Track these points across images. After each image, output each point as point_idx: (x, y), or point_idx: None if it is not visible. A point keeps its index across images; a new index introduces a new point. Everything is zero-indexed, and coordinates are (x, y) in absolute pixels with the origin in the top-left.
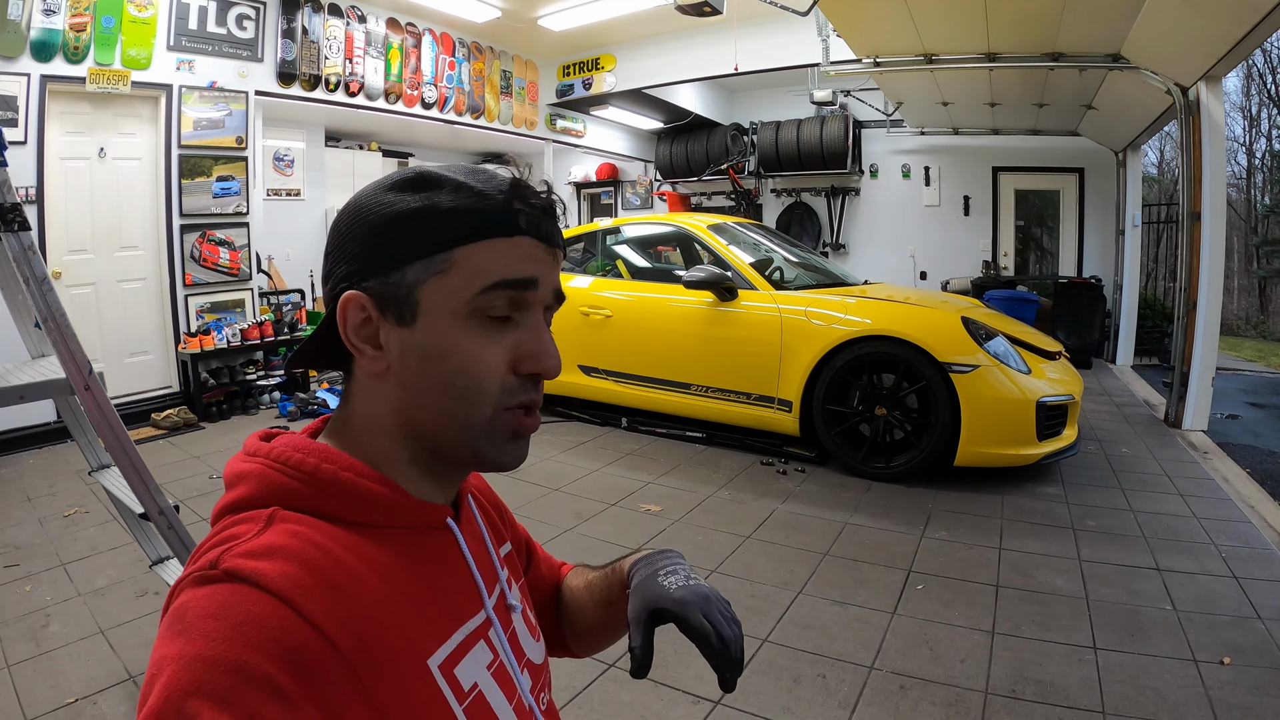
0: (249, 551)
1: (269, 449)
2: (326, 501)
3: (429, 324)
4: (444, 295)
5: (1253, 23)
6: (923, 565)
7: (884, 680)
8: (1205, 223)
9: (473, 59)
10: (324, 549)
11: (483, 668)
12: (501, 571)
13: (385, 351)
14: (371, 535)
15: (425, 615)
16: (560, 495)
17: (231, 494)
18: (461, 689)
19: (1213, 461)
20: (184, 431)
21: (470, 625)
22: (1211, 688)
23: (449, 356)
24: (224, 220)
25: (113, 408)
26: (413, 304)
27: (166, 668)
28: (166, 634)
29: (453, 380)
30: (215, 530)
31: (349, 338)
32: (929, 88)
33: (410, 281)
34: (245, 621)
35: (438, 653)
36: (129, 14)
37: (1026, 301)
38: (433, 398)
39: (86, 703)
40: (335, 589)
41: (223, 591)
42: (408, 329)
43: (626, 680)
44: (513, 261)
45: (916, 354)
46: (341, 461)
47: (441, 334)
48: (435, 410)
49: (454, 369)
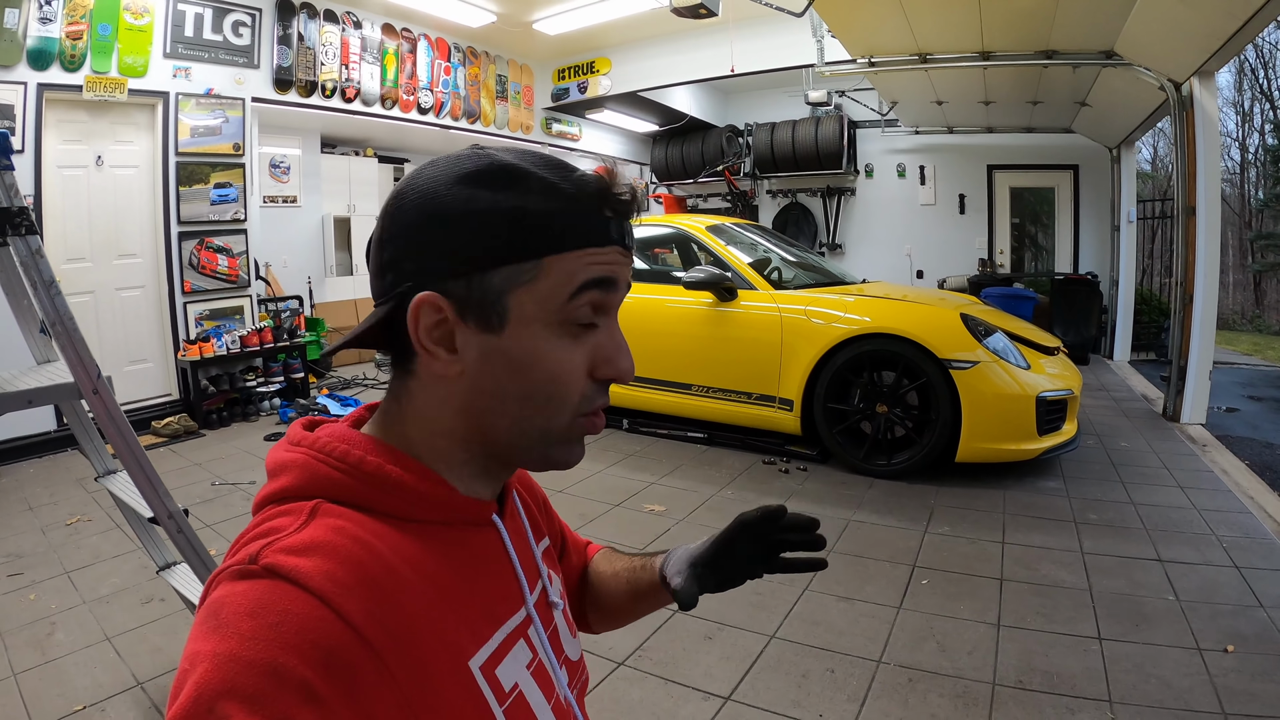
0: (290, 547)
1: (313, 439)
2: (370, 495)
3: (517, 332)
4: (534, 304)
5: (1244, 17)
6: (927, 560)
7: (892, 674)
8: (1200, 217)
9: (468, 63)
10: (367, 546)
11: (523, 667)
12: (543, 567)
13: (460, 355)
14: (415, 531)
15: (467, 615)
16: (564, 497)
17: (274, 483)
18: (503, 690)
19: (1211, 454)
20: (184, 439)
21: (511, 624)
22: (1216, 675)
23: (537, 365)
24: (222, 227)
25: (121, 411)
26: (500, 311)
27: (200, 665)
28: (201, 628)
29: (537, 389)
30: (256, 520)
31: (421, 340)
32: (923, 87)
33: (497, 288)
34: (282, 622)
35: (479, 654)
36: (125, 22)
37: (1024, 299)
38: (514, 405)
39: (94, 710)
40: (376, 588)
41: (260, 588)
42: (494, 336)
43: (637, 678)
44: (604, 271)
45: (916, 351)
46: (387, 455)
47: (530, 343)
48: (514, 417)
49: (541, 378)
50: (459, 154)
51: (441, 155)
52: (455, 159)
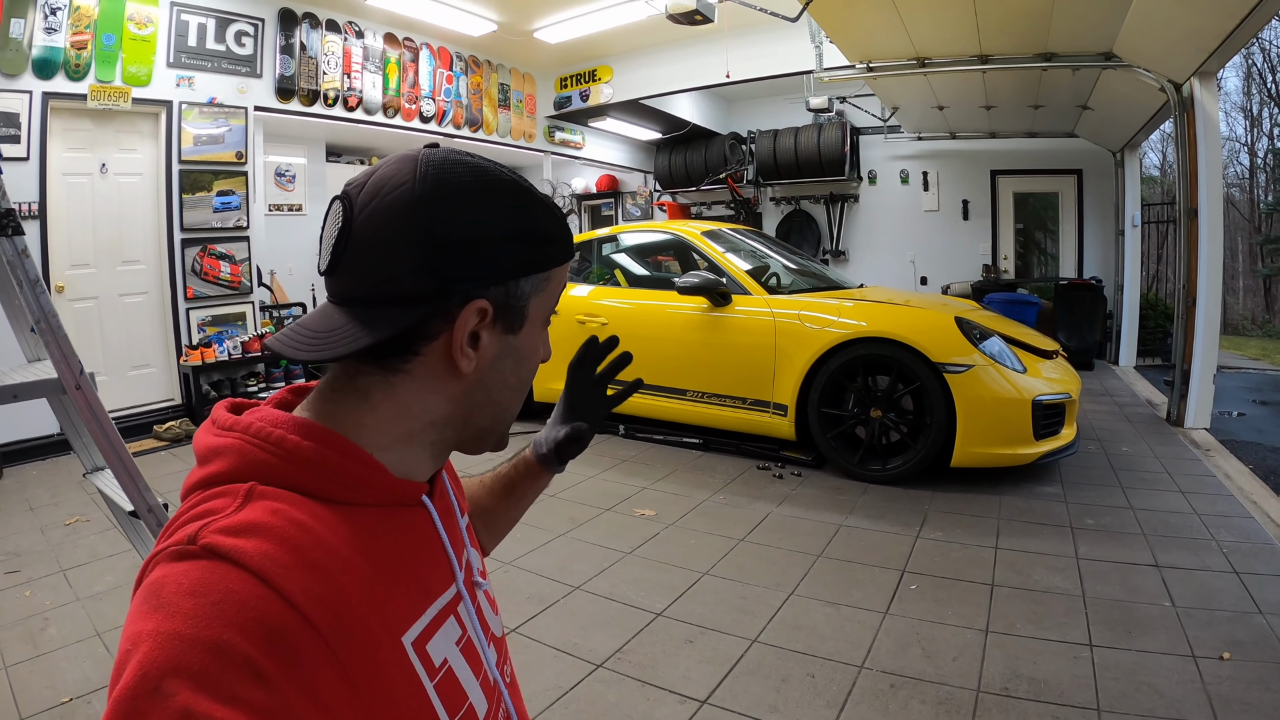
0: (228, 528)
1: (245, 424)
2: (303, 477)
3: (529, 331)
4: (541, 307)
5: (1241, 15)
6: (917, 565)
7: (874, 679)
8: (1202, 218)
9: (470, 72)
10: (303, 526)
11: (452, 644)
12: (467, 541)
13: (480, 354)
14: (348, 512)
15: (401, 592)
16: (555, 501)
17: (205, 469)
18: (433, 665)
19: (1214, 459)
20: (186, 443)
21: (441, 601)
22: (1210, 683)
23: (533, 357)
24: (224, 234)
25: (103, 407)
26: (522, 313)
27: (142, 644)
28: (142, 608)
29: (527, 378)
30: (189, 504)
31: (462, 342)
32: (923, 91)
33: (525, 293)
34: (224, 600)
35: (411, 629)
36: (129, 32)
37: (1027, 304)
38: (508, 394)
39: (81, 702)
40: (315, 568)
41: (200, 568)
42: (513, 336)
43: (614, 680)
44: (565, 274)
45: (910, 355)
46: (323, 439)
47: (533, 339)
48: (503, 404)
49: (533, 367)
50: (458, 159)
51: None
52: (463, 165)
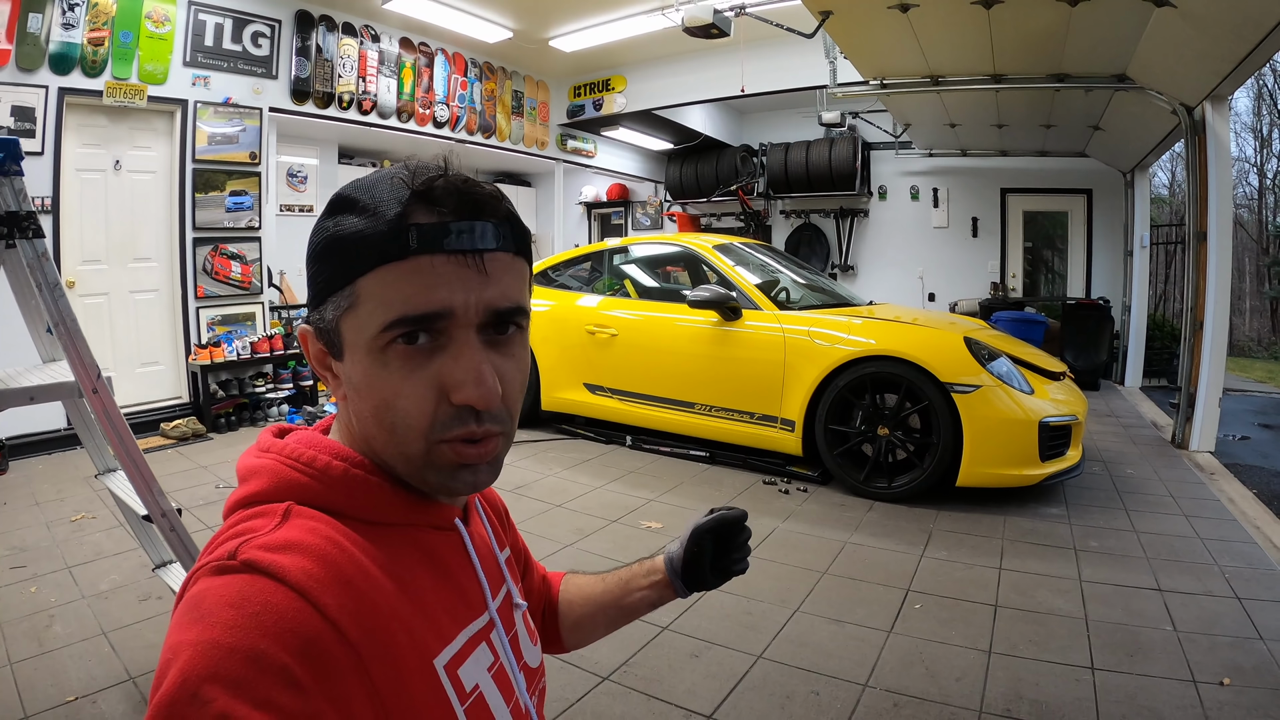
0: (267, 545)
1: (282, 445)
2: (337, 498)
3: (352, 359)
4: (355, 331)
5: (1255, 40)
6: (921, 585)
7: (877, 698)
8: (1211, 242)
9: (484, 79)
10: (339, 545)
11: (484, 669)
12: (506, 573)
13: (335, 381)
14: (381, 533)
15: (431, 615)
16: (561, 511)
17: (245, 489)
18: (464, 689)
19: (1219, 482)
20: (192, 442)
21: (474, 627)
22: (1210, 708)
23: (372, 391)
24: (236, 234)
25: (119, 411)
26: (338, 339)
27: (183, 653)
28: (183, 620)
29: (379, 414)
30: (230, 522)
31: (314, 367)
32: (936, 109)
33: (330, 317)
34: (262, 612)
35: (443, 653)
36: (146, 30)
37: (1034, 323)
38: (373, 428)
39: (85, 701)
40: (349, 585)
41: (240, 582)
42: (342, 363)
43: (620, 693)
44: (417, 290)
45: (919, 374)
46: (351, 460)
47: (362, 369)
48: (380, 440)
49: (378, 404)
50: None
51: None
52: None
